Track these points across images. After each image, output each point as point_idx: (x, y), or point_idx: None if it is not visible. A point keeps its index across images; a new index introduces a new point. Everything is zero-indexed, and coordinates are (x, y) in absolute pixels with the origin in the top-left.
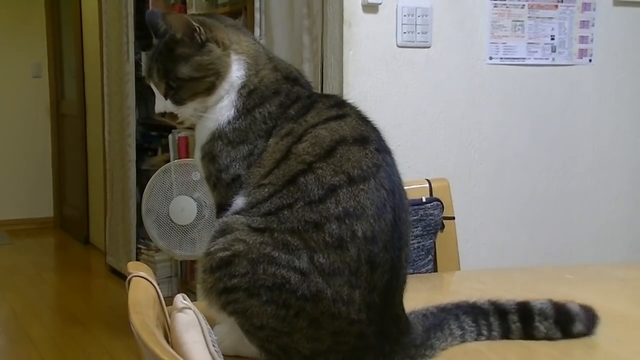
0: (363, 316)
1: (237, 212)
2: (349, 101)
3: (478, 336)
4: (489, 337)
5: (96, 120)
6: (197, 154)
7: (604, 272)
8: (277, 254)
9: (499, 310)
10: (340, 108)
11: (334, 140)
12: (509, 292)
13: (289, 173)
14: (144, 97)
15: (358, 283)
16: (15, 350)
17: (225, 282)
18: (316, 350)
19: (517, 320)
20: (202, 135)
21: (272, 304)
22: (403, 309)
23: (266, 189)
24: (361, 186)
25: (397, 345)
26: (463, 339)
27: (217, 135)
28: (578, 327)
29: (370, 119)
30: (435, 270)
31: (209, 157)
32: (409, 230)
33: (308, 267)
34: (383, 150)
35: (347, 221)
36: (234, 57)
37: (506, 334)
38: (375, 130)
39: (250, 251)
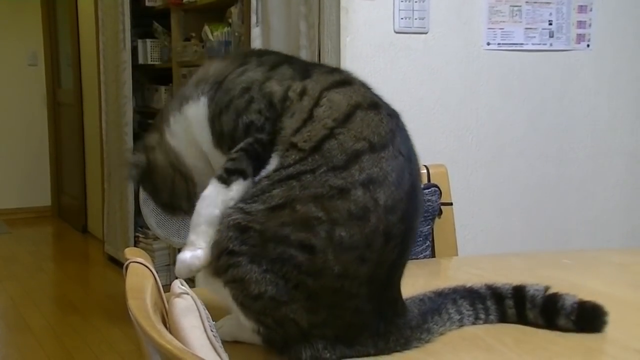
0: (364, 290)
1: (254, 195)
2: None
3: (476, 320)
4: (486, 321)
5: (93, 108)
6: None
7: (601, 257)
8: (294, 237)
9: (496, 295)
10: (340, 74)
11: (350, 105)
12: (507, 278)
13: (315, 137)
14: (141, 85)
15: (370, 256)
16: (14, 339)
17: (234, 245)
18: (313, 323)
19: (513, 305)
20: (196, 134)
21: (271, 272)
22: (400, 293)
23: (293, 155)
24: (382, 154)
25: (392, 326)
26: (461, 323)
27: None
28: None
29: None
30: (433, 256)
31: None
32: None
33: (323, 243)
34: (393, 114)
35: (371, 188)
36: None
37: (503, 318)
38: (378, 95)
39: (267, 230)
